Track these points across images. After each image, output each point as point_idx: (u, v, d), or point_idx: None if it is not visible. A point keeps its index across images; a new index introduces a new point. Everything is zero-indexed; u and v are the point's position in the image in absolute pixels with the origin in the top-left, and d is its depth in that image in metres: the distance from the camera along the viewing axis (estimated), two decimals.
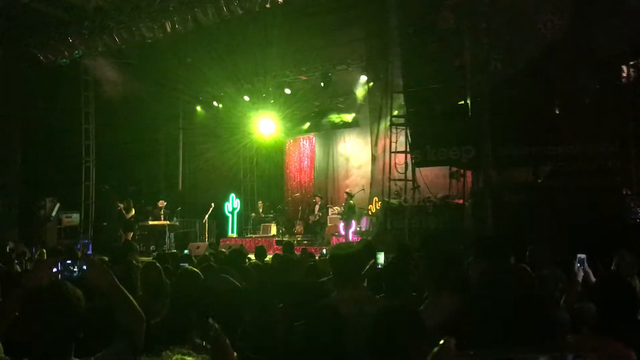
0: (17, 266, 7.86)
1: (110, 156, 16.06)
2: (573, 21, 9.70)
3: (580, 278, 4.16)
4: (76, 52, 14.43)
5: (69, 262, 2.31)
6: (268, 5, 11.70)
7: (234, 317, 2.41)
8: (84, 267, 2.29)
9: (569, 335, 1.36)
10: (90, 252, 14.21)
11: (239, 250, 6.89)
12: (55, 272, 2.21)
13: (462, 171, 11.49)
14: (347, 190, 15.79)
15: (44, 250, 9.39)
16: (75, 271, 2.28)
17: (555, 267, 5.03)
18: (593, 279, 4.26)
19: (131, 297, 2.35)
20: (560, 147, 9.85)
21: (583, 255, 4.29)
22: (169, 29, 12.92)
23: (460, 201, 11.45)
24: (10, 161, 15.27)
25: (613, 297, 2.89)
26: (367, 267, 4.63)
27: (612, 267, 4.83)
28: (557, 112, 10.45)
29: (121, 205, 14.80)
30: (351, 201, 14.66)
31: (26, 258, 9.33)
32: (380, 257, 5.46)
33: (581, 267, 4.18)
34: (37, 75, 14.87)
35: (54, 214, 15.33)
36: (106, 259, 6.59)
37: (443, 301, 2.91)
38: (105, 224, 15.99)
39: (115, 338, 2.26)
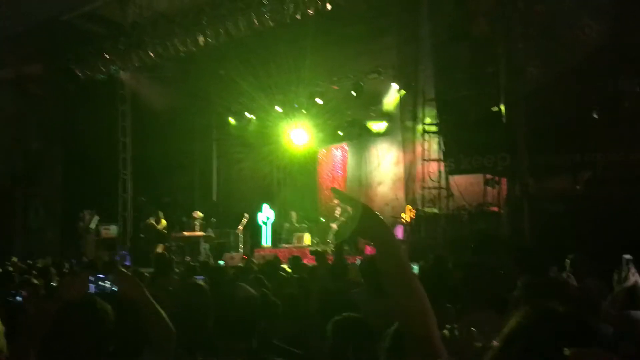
0: (56, 278, 8.00)
1: (146, 168, 16.34)
2: (612, 25, 9.47)
3: (633, 279, 3.99)
4: (113, 67, 14.77)
5: (101, 275, 2.34)
6: (299, 17, 11.77)
7: (249, 325, 2.40)
8: (116, 281, 2.32)
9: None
10: (128, 263, 14.43)
11: (272, 262, 6.90)
12: (87, 285, 2.23)
13: (497, 178, 11.30)
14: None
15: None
16: (107, 285, 2.30)
17: (595, 277, 4.88)
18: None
19: (162, 311, 2.35)
20: (600, 154, 9.59)
21: (629, 256, 4.11)
22: (202, 43, 13.13)
23: (496, 209, 11.25)
24: (52, 175, 15.69)
25: None
26: None
27: None
28: (596, 117, 10.19)
29: (152, 219, 15.02)
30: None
31: (65, 270, 9.50)
32: (415, 268, 5.37)
33: (631, 267, 4.02)
34: (76, 90, 15.26)
35: (92, 226, 15.64)
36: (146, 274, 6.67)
37: (478, 318, 2.83)
38: (142, 235, 16.23)
39: (145, 352, 2.26)
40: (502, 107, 10.58)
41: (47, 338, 2.00)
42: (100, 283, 2.37)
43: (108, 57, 14.59)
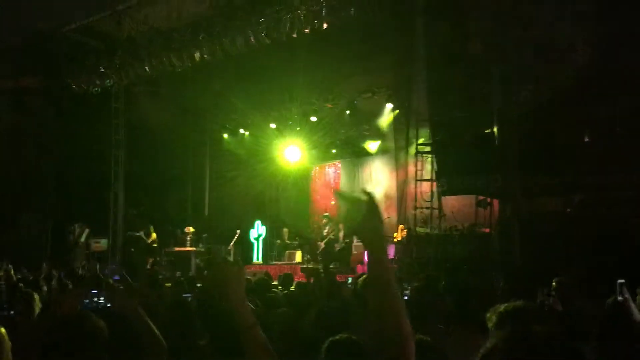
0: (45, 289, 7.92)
1: (138, 182, 16.29)
2: (605, 49, 9.62)
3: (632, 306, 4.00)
4: (108, 81, 14.78)
5: (94, 291, 2.34)
6: (295, 35, 11.87)
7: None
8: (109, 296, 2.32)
9: None
10: (117, 277, 14.32)
11: (265, 279, 6.88)
12: (81, 301, 2.24)
13: (489, 199, 11.35)
14: (325, 214, 16.10)
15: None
16: (101, 301, 2.31)
17: (585, 299, 4.90)
18: (632, 305, 4.11)
19: (154, 327, 2.36)
20: (591, 177, 9.68)
21: (622, 280, 4.12)
22: (197, 58, 13.19)
23: (487, 230, 11.29)
24: (44, 187, 15.60)
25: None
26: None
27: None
28: (587, 140, 10.30)
29: (141, 232, 14.94)
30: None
31: (54, 281, 9.42)
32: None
33: (624, 293, 4.03)
34: (70, 102, 15.25)
35: (82, 239, 15.53)
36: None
37: (469, 337, 2.85)
38: (132, 249, 16.13)
39: None
40: (495, 129, 10.67)
41: (42, 355, 1.99)
42: (93, 299, 2.38)
43: (103, 71, 14.62)
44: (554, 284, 5.05)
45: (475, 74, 11.07)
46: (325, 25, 11.54)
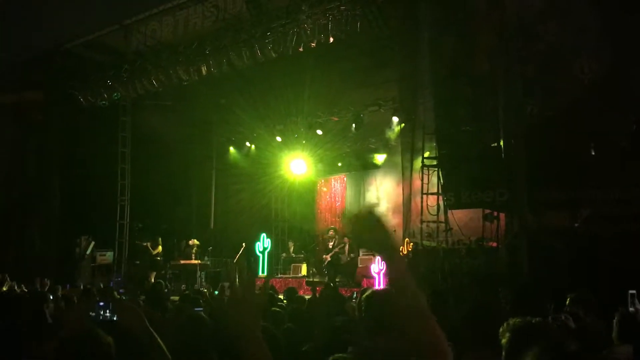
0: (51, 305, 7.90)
1: (144, 195, 16.32)
2: (611, 64, 9.62)
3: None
4: (115, 94, 14.86)
5: (101, 304, 2.33)
6: (301, 49, 11.92)
7: None
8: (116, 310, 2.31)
9: None
10: (122, 290, 14.29)
11: (271, 294, 6.84)
12: (89, 315, 2.22)
13: (495, 213, 11.29)
14: (331, 227, 16.14)
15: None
16: (108, 315, 2.29)
17: (596, 316, 4.83)
18: None
19: (161, 342, 2.33)
20: (598, 191, 9.63)
21: (634, 291, 4.09)
22: (204, 72, 13.26)
23: (495, 244, 11.21)
24: (49, 200, 15.63)
25: None
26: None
27: None
28: (594, 154, 10.25)
29: (147, 243, 14.96)
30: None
31: (59, 295, 9.39)
32: None
33: (635, 304, 4.00)
34: (76, 116, 15.32)
35: (88, 252, 15.55)
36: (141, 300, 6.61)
37: (480, 355, 2.81)
38: (137, 262, 16.13)
39: None
40: (502, 143, 10.65)
41: None
42: (100, 312, 2.36)
43: (110, 84, 14.72)
44: (568, 300, 4.98)
45: (481, 88, 11.07)
46: (331, 39, 11.59)
